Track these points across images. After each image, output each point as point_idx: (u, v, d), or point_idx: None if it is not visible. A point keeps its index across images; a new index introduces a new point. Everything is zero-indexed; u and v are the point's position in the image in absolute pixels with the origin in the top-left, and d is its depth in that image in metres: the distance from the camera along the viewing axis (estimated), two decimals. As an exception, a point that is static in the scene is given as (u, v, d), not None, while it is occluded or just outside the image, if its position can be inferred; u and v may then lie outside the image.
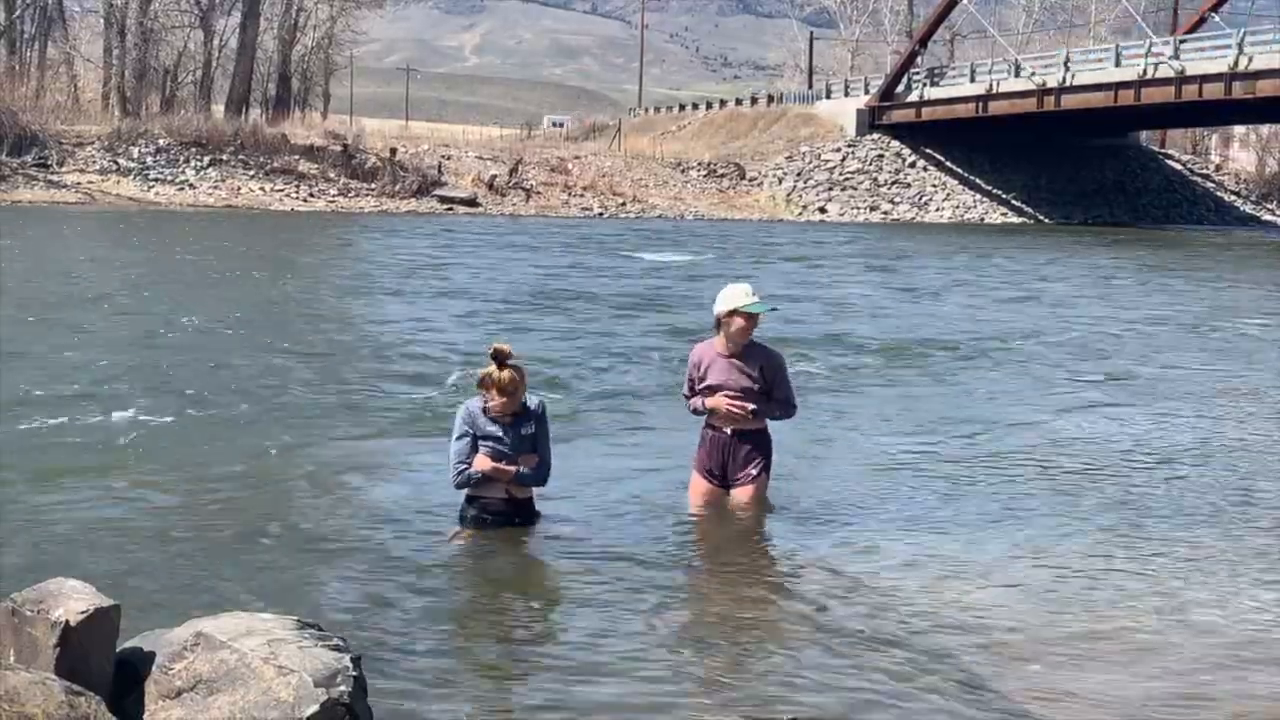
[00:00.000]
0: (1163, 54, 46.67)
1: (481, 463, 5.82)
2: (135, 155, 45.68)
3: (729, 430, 6.40)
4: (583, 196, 51.25)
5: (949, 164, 57.26)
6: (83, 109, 52.27)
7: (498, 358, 5.77)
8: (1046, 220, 55.20)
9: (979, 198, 56.49)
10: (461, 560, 5.85)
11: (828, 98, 63.06)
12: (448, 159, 51.80)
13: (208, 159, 46.31)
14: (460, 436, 5.87)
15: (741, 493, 6.45)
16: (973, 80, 55.29)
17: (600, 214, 49.32)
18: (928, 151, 57.32)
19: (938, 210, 55.22)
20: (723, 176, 56.26)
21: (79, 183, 43.75)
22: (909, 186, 56.21)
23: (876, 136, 58.03)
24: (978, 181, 57.06)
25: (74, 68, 58.61)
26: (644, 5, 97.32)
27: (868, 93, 60.29)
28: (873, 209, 54.57)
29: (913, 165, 57.06)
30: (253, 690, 3.23)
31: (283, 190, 45.85)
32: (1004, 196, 56.69)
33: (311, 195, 45.98)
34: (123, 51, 53.82)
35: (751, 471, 6.43)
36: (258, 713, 3.19)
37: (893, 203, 55.17)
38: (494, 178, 50.41)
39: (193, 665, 3.34)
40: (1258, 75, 42.67)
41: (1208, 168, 68.15)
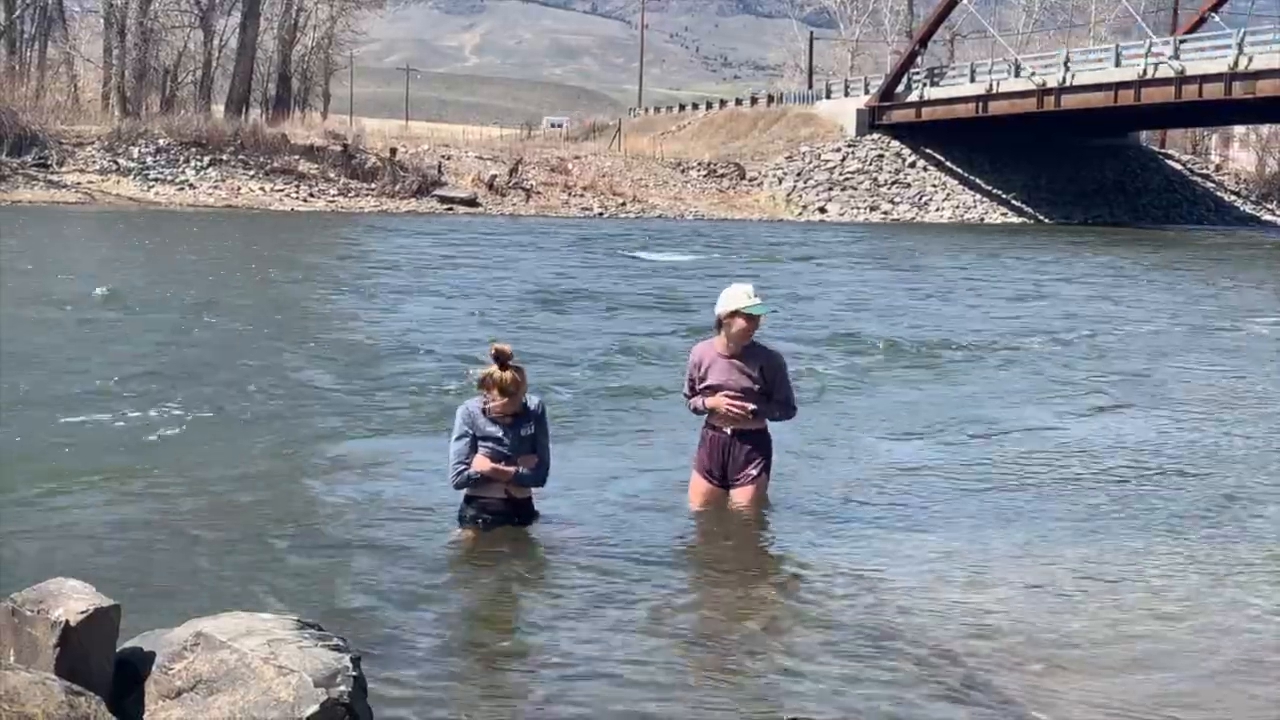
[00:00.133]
0: (1163, 54, 46.67)
1: (481, 463, 5.81)
2: (135, 155, 45.67)
3: (729, 430, 6.40)
4: (583, 196, 51.24)
5: (949, 164, 57.25)
6: (83, 109, 52.25)
7: (499, 358, 5.76)
8: (1046, 220, 55.19)
9: (979, 198, 56.49)
10: (461, 560, 5.85)
11: (828, 98, 63.05)
12: (448, 159, 51.79)
13: (208, 159, 46.31)
14: (460, 437, 5.87)
15: (741, 493, 6.44)
16: (973, 80, 55.28)
17: (600, 214, 49.30)
18: (928, 151, 57.31)
19: (938, 210, 55.22)
20: (723, 176, 56.25)
21: (79, 183, 43.74)
22: (909, 186, 56.21)
23: (876, 136, 58.02)
24: (978, 181, 57.05)
25: (74, 68, 58.60)
26: (644, 5, 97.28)
27: (868, 93, 60.28)
28: (873, 209, 54.56)
29: (913, 165, 57.06)
30: (253, 690, 3.23)
31: (283, 190, 45.84)
32: (1004, 196, 56.68)
33: (311, 195, 45.98)
34: (123, 51, 53.82)
35: (751, 472, 6.43)
36: (258, 713, 3.19)
37: (893, 203, 55.17)
38: (494, 178, 50.40)
39: (193, 665, 3.34)
40: (1258, 75, 42.67)
41: (1208, 168, 68.14)
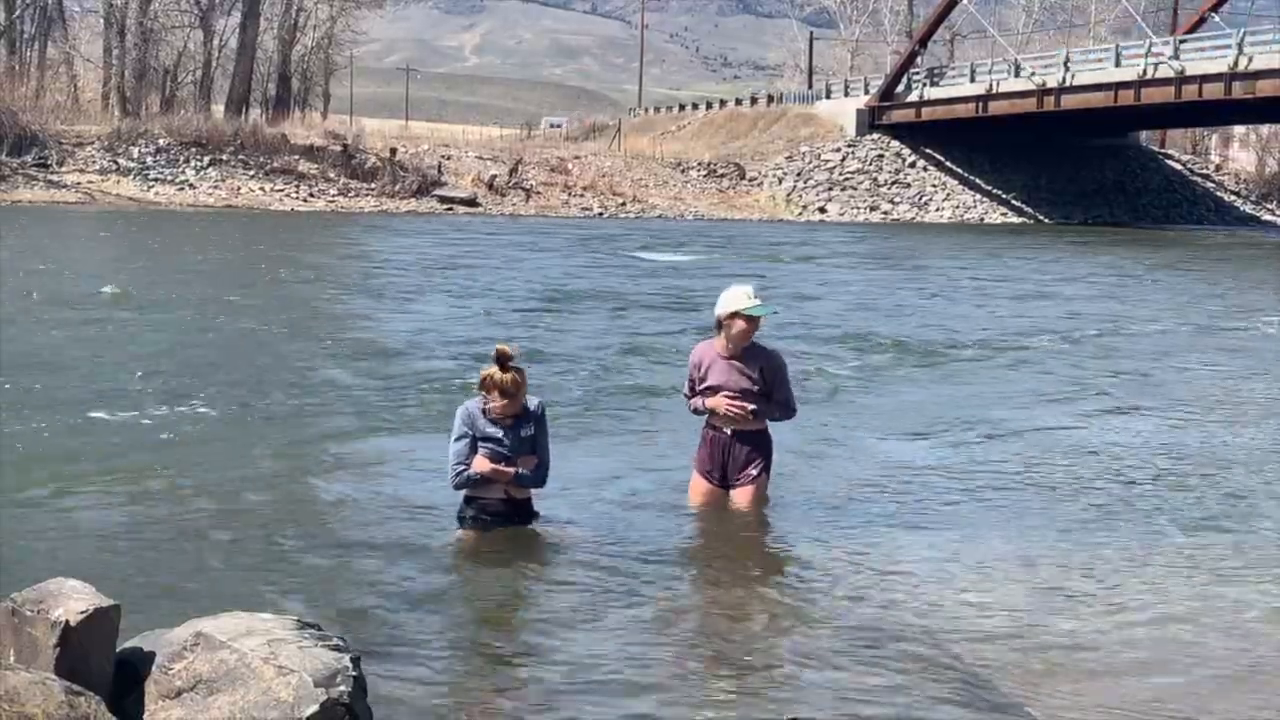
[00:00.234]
0: (1163, 54, 46.67)
1: (480, 464, 5.81)
2: (135, 155, 45.67)
3: (729, 431, 6.40)
4: (583, 197, 51.24)
5: (949, 164, 57.25)
6: (83, 109, 52.25)
7: (500, 359, 5.75)
8: (1046, 220, 55.19)
9: (979, 198, 56.49)
10: (461, 560, 5.84)
11: (828, 98, 63.05)
12: (448, 159, 51.78)
13: (208, 159, 46.30)
14: (459, 438, 5.86)
15: (741, 493, 6.45)
16: (973, 80, 55.29)
17: (600, 214, 49.30)
18: (928, 151, 57.31)
19: (938, 210, 55.22)
20: (723, 176, 56.24)
21: (79, 183, 43.73)
22: (909, 186, 56.21)
23: (876, 136, 58.03)
24: (978, 181, 57.05)
25: (74, 68, 58.59)
26: (644, 5, 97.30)
27: (868, 93, 60.28)
28: (873, 209, 54.56)
29: (913, 165, 57.06)
30: (253, 690, 3.24)
31: (283, 190, 45.84)
32: (1004, 196, 56.68)
33: (311, 195, 45.97)
34: (123, 51, 53.81)
35: (751, 472, 6.43)
36: (258, 713, 3.19)
37: (893, 203, 55.17)
38: (494, 178, 50.39)
39: (193, 665, 3.34)
40: (1257, 75, 42.68)
41: (1208, 168, 68.15)
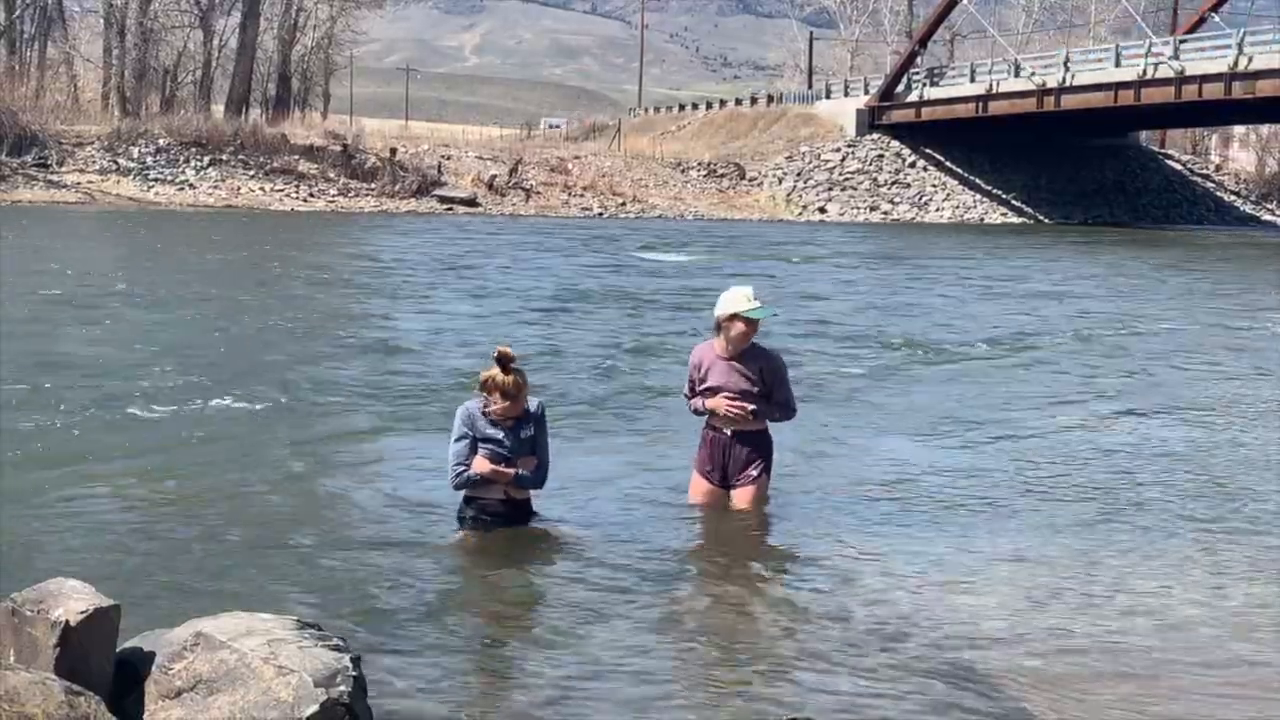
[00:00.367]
0: (1163, 54, 46.69)
1: (480, 465, 5.81)
2: (135, 155, 45.66)
3: (729, 431, 6.41)
4: (583, 197, 51.23)
5: (949, 164, 57.25)
6: (83, 109, 52.25)
7: (501, 361, 5.75)
8: (1046, 220, 55.20)
9: (979, 198, 56.50)
10: (461, 561, 5.85)
11: (827, 98, 63.05)
12: (447, 159, 51.78)
13: (208, 159, 46.31)
14: (459, 438, 5.86)
15: (742, 494, 6.45)
16: (973, 80, 55.29)
17: (600, 214, 49.30)
18: (928, 151, 57.31)
19: (938, 210, 55.22)
20: (723, 176, 56.24)
21: (79, 183, 43.73)
22: (909, 186, 56.21)
23: (876, 136, 58.03)
24: (978, 181, 57.05)
25: (74, 68, 58.60)
26: (644, 5, 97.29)
27: (867, 93, 60.28)
28: (873, 209, 54.57)
29: (913, 165, 57.06)
30: (253, 690, 3.24)
31: (283, 190, 45.84)
32: (1004, 196, 56.69)
33: (311, 195, 45.97)
34: (122, 51, 53.81)
35: (752, 473, 6.43)
36: (258, 713, 3.19)
37: (893, 203, 55.17)
38: (494, 178, 50.39)
39: (193, 665, 3.34)
40: (1257, 75, 42.68)
41: (1208, 168, 68.17)
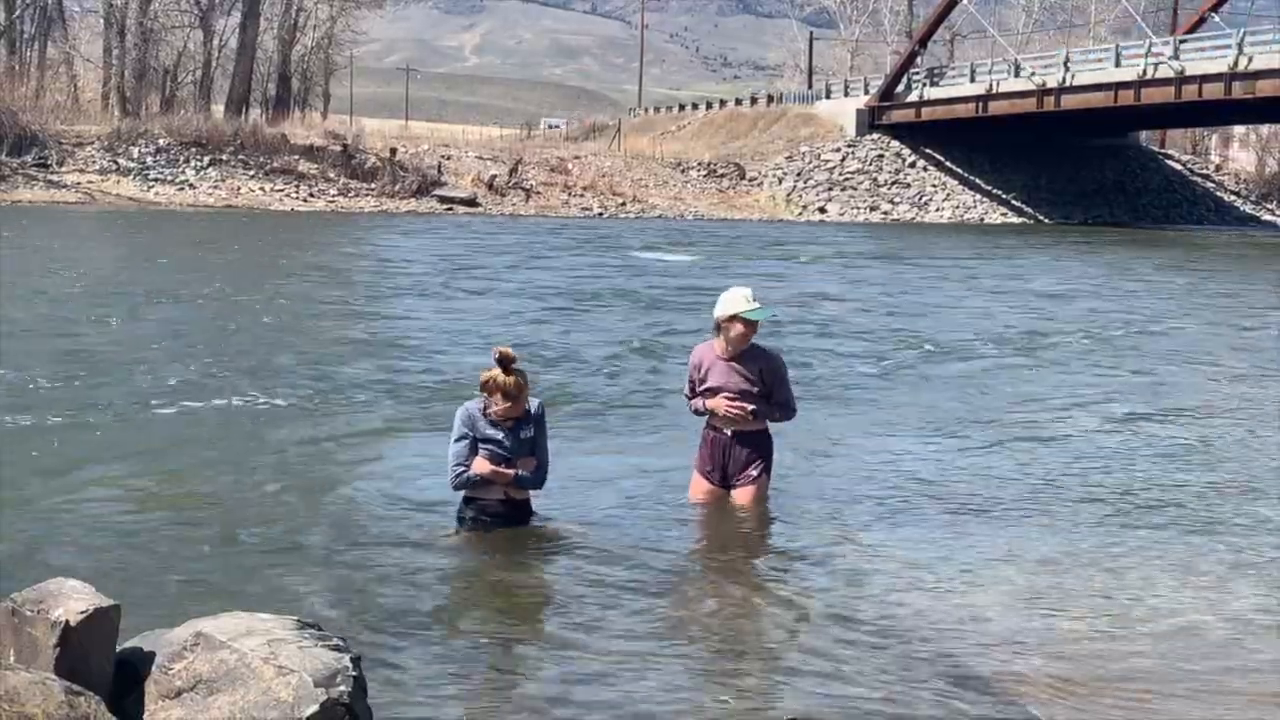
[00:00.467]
0: (1163, 54, 46.69)
1: (480, 465, 5.80)
2: (135, 155, 45.67)
3: (729, 432, 6.41)
4: (583, 196, 51.24)
5: (949, 164, 57.25)
6: (83, 109, 52.26)
7: (502, 362, 5.74)
8: (1046, 220, 55.20)
9: (979, 198, 56.49)
10: (461, 561, 5.85)
11: (827, 98, 63.04)
12: (447, 159, 51.78)
13: (208, 159, 46.31)
14: (459, 439, 5.85)
15: (742, 494, 6.45)
16: (973, 80, 55.29)
17: (600, 214, 49.30)
18: (928, 151, 57.31)
19: (938, 210, 55.22)
20: (723, 176, 56.24)
21: (79, 183, 43.74)
22: (909, 186, 56.21)
23: (876, 136, 58.03)
24: (977, 181, 57.05)
25: (74, 68, 58.61)
26: (644, 5, 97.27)
27: (867, 93, 60.28)
28: (873, 209, 54.56)
29: (912, 165, 57.06)
30: (253, 690, 3.23)
31: (283, 190, 45.85)
32: (1004, 196, 56.69)
33: (311, 195, 45.97)
34: (122, 51, 53.82)
35: (752, 473, 6.44)
36: (258, 713, 3.19)
37: (893, 203, 55.17)
38: (494, 178, 50.39)
39: (193, 665, 3.34)
40: (1257, 75, 42.68)
41: (1208, 168, 68.17)
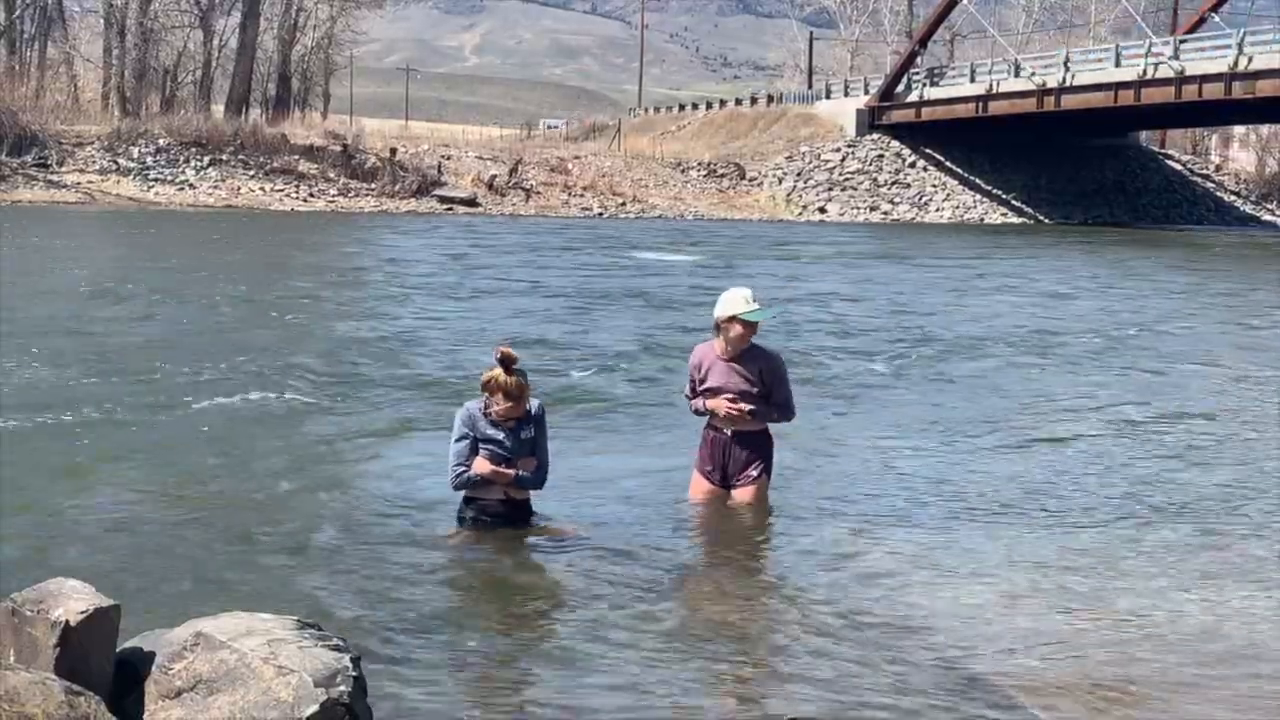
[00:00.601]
0: (1163, 54, 46.70)
1: (481, 465, 5.80)
2: (135, 155, 45.67)
3: (729, 432, 6.41)
4: (583, 197, 51.24)
5: (949, 164, 57.26)
6: (83, 109, 52.27)
7: (504, 362, 5.74)
8: (1046, 220, 55.21)
9: (979, 198, 56.50)
10: (461, 561, 5.84)
11: (827, 98, 63.05)
12: (447, 159, 51.79)
13: (208, 159, 46.32)
14: (460, 438, 5.85)
15: (742, 494, 6.45)
16: (973, 80, 55.30)
17: (600, 214, 49.30)
18: (928, 151, 57.32)
19: (938, 210, 55.23)
20: (723, 176, 56.25)
21: (79, 183, 43.75)
22: (909, 187, 56.22)
23: (876, 136, 58.04)
24: (977, 181, 57.05)
25: (74, 68, 58.61)
26: (644, 5, 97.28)
27: (867, 93, 60.29)
28: (873, 209, 54.58)
29: (913, 165, 57.07)
30: (253, 690, 3.23)
31: (283, 190, 45.85)
32: (1004, 196, 56.70)
33: (311, 195, 45.98)
34: (123, 51, 53.83)
35: (752, 473, 6.44)
36: (258, 713, 3.19)
37: (893, 203, 55.18)
38: (494, 178, 50.39)
39: (193, 665, 3.34)
40: (1257, 75, 42.69)
41: (1208, 168, 68.19)
